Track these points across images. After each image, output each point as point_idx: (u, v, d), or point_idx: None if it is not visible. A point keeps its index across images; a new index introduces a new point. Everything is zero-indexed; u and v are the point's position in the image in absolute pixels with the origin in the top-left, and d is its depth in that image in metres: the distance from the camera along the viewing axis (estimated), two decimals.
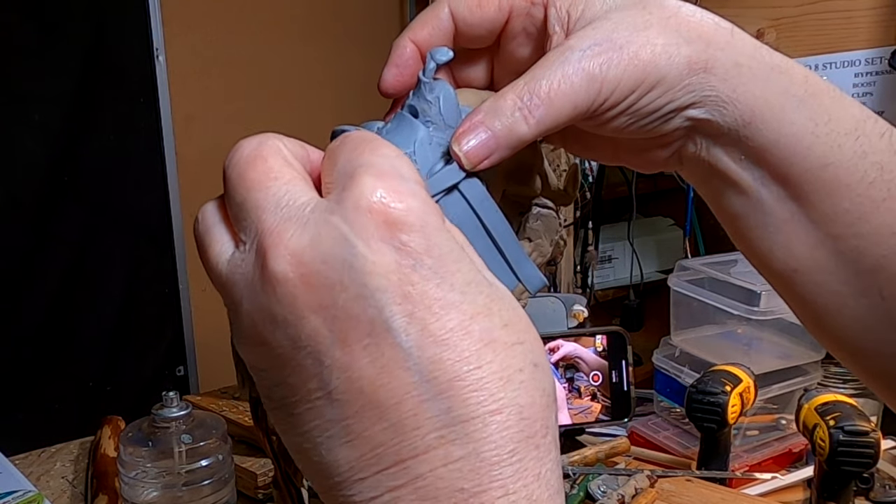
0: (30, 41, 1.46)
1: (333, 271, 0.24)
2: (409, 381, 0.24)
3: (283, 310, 0.25)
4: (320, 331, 0.25)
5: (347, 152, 0.27)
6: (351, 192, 0.25)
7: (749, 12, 1.32)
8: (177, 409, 0.77)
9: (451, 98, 0.34)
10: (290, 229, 0.25)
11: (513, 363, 0.25)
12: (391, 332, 0.24)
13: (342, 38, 1.97)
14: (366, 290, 0.24)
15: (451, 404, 0.24)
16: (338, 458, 0.25)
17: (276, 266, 0.25)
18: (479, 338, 0.25)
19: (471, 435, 0.24)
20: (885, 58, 1.18)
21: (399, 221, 0.25)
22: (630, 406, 1.04)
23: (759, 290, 1.08)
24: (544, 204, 0.51)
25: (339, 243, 0.25)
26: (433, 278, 0.25)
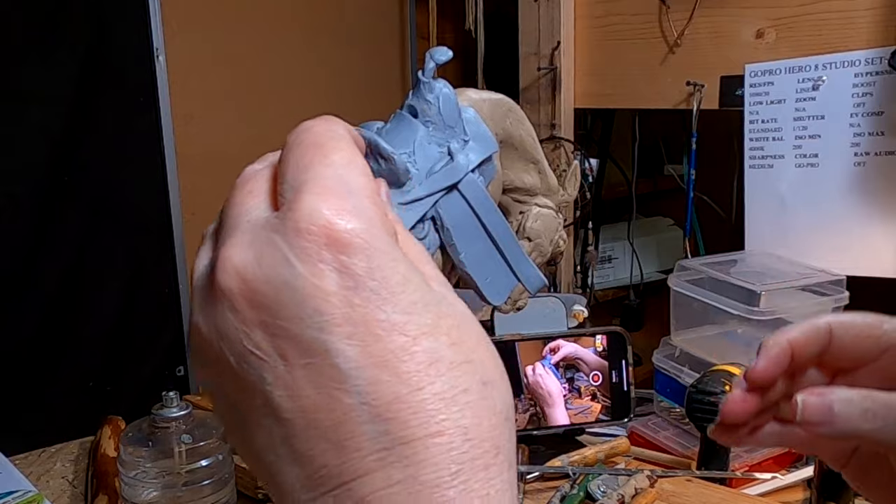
0: (30, 41, 1.46)
1: (274, 291, 0.25)
2: (348, 403, 0.24)
3: (227, 324, 0.25)
4: (263, 347, 0.25)
5: (297, 158, 0.27)
6: (293, 212, 0.25)
7: (749, 12, 1.32)
8: (177, 409, 0.77)
9: (450, 98, 0.34)
10: (239, 245, 0.26)
11: (458, 383, 0.25)
12: (330, 353, 0.24)
13: (342, 38, 1.97)
14: (305, 312, 0.24)
15: (390, 427, 0.24)
16: (288, 478, 0.25)
17: (222, 281, 0.25)
18: (421, 359, 0.25)
19: (410, 458, 0.24)
20: (885, 58, 1.18)
21: (340, 242, 0.25)
22: (630, 406, 1.04)
23: (759, 290, 1.08)
24: (544, 204, 0.51)
25: (280, 264, 0.25)
26: (375, 300, 0.25)
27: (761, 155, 1.34)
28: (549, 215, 0.50)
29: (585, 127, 1.77)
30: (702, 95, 1.38)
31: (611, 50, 1.53)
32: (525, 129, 0.47)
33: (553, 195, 0.51)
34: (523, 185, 0.49)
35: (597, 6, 1.54)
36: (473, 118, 0.35)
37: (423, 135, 0.33)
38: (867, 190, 1.23)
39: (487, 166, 0.35)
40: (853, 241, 1.25)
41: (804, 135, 1.28)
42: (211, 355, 0.26)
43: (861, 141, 1.23)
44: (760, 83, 1.32)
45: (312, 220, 0.25)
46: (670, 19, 1.42)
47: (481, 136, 0.35)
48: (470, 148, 0.34)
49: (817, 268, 1.20)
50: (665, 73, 1.44)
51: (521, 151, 0.47)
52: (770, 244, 1.34)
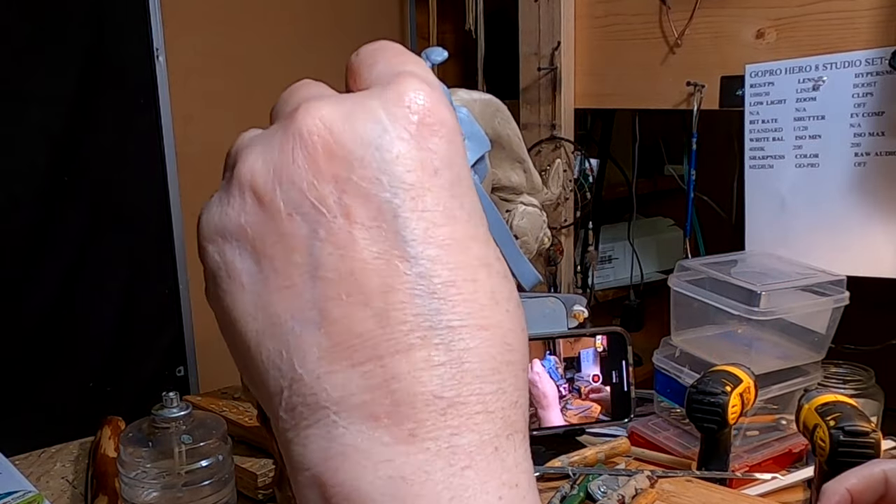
0: (30, 41, 1.46)
1: (359, 147, 0.24)
2: (404, 272, 0.23)
3: (296, 168, 0.24)
4: (328, 199, 0.24)
5: (391, 56, 0.27)
6: (396, 87, 0.25)
7: (749, 12, 1.32)
8: (177, 409, 0.77)
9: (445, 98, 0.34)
10: (327, 104, 0.25)
11: (503, 290, 0.25)
12: (398, 220, 0.24)
13: (342, 39, 1.97)
14: (385, 176, 0.24)
15: (442, 307, 0.24)
16: (307, 345, 0.24)
17: (305, 125, 0.24)
18: (476, 256, 0.25)
19: (456, 342, 0.23)
20: (885, 58, 1.18)
21: (434, 126, 0.25)
22: (630, 406, 1.04)
23: (759, 290, 1.08)
24: (529, 202, 0.51)
25: (372, 124, 0.24)
26: (448, 189, 0.25)
27: (761, 155, 1.34)
28: (534, 213, 0.51)
29: (585, 127, 1.77)
30: (702, 95, 1.38)
31: (611, 50, 1.53)
32: (511, 128, 0.48)
33: (538, 194, 0.52)
34: (510, 184, 0.49)
35: (597, 6, 1.54)
36: (467, 117, 0.35)
37: None
38: (867, 190, 1.23)
39: (481, 165, 0.35)
40: (853, 241, 1.25)
41: (804, 135, 1.28)
42: (256, 198, 0.25)
43: (861, 141, 1.23)
44: (761, 83, 1.32)
45: (415, 96, 0.25)
46: (670, 19, 1.42)
47: (475, 136, 0.35)
48: (466, 147, 0.34)
49: (817, 268, 1.20)
50: (665, 73, 1.44)
51: (509, 150, 0.48)
52: (770, 244, 1.34)
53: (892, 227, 1.22)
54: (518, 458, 0.24)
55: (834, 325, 1.13)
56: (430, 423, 0.23)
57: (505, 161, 0.48)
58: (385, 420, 0.23)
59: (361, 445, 0.23)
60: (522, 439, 0.25)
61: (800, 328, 1.14)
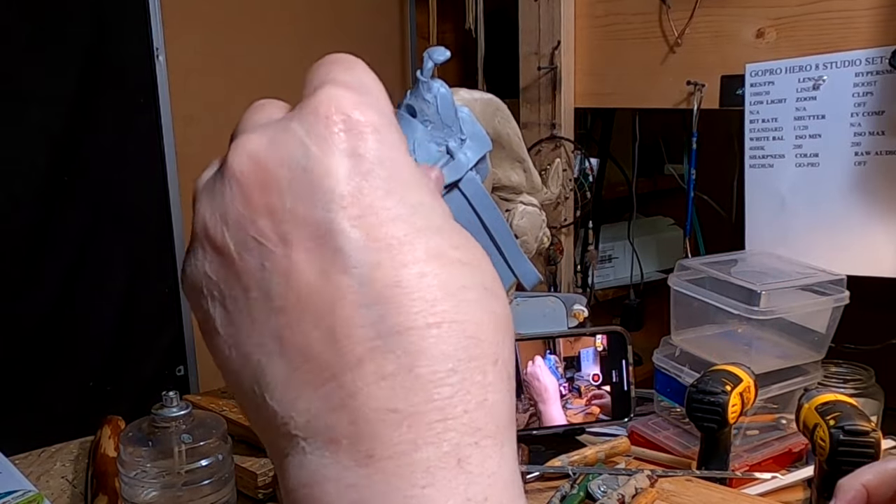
0: (30, 41, 1.46)
1: (287, 171, 0.24)
2: (346, 285, 0.23)
3: (235, 208, 0.25)
4: (266, 232, 0.24)
5: (323, 68, 0.27)
6: (311, 101, 0.25)
7: (749, 12, 1.32)
8: (177, 408, 0.77)
9: (447, 98, 0.34)
10: (253, 135, 0.25)
11: (459, 280, 0.24)
12: (335, 234, 0.24)
13: (342, 39, 1.97)
14: (315, 193, 0.24)
15: (386, 312, 0.23)
16: (274, 377, 0.24)
17: (234, 163, 0.25)
18: (423, 250, 0.24)
19: (405, 348, 0.23)
20: (885, 58, 1.18)
21: (356, 130, 0.25)
22: (630, 406, 1.04)
23: (759, 289, 1.08)
24: (529, 201, 0.51)
25: (295, 146, 0.24)
26: (384, 188, 0.24)
27: (761, 154, 1.34)
28: (533, 212, 0.51)
29: (585, 126, 1.77)
30: (702, 95, 1.38)
31: (611, 49, 1.53)
32: (511, 128, 0.48)
33: (537, 193, 0.52)
34: (510, 184, 0.49)
35: (597, 6, 1.54)
36: (469, 117, 0.36)
37: (421, 134, 0.33)
38: (868, 189, 1.23)
39: (482, 164, 0.36)
40: (853, 241, 1.25)
41: (804, 134, 1.28)
42: (211, 246, 0.25)
43: (861, 140, 1.23)
44: (761, 83, 1.32)
45: (329, 106, 0.25)
46: (671, 19, 1.42)
47: (477, 135, 0.35)
48: (467, 146, 0.34)
49: (817, 267, 1.20)
50: (665, 72, 1.44)
51: (508, 150, 0.48)
52: (770, 244, 1.33)
53: (892, 227, 1.22)
54: (490, 466, 0.23)
55: (834, 325, 1.13)
56: (386, 439, 0.22)
57: (505, 160, 0.49)
58: (345, 442, 0.23)
59: (327, 472, 0.23)
60: (497, 444, 0.24)
61: (800, 328, 1.14)
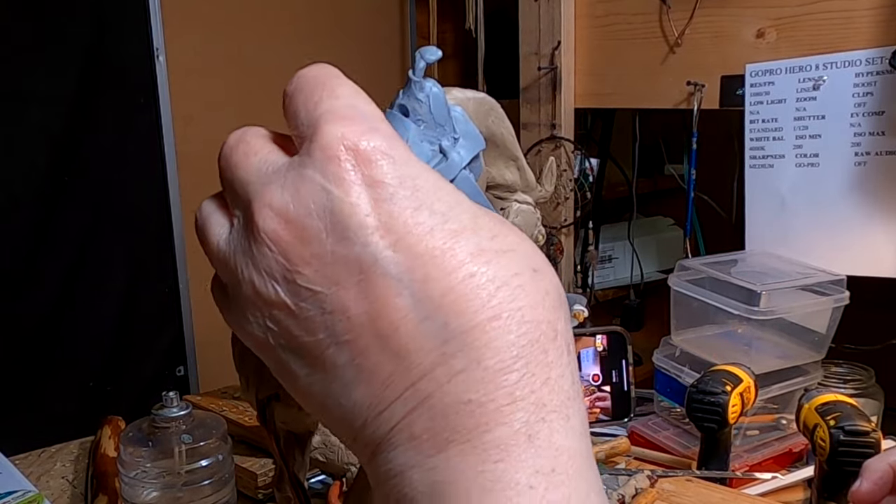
0: (30, 41, 1.46)
1: (317, 220, 0.25)
2: (402, 306, 0.25)
3: (279, 267, 0.26)
4: (315, 280, 0.25)
5: (305, 99, 0.28)
6: (317, 143, 0.26)
7: (749, 12, 1.32)
8: (177, 409, 0.77)
9: (440, 97, 0.34)
10: (273, 191, 0.26)
11: (507, 269, 0.25)
12: (379, 263, 0.25)
13: (342, 39, 1.97)
14: (349, 232, 0.25)
15: (447, 318, 0.25)
16: (357, 402, 0.26)
17: (265, 226, 0.26)
18: (466, 251, 0.25)
19: (471, 345, 0.24)
20: (885, 58, 1.18)
21: (367, 160, 0.26)
22: (630, 406, 1.04)
23: (759, 289, 1.08)
24: (523, 200, 0.51)
25: (317, 193, 0.26)
26: (410, 205, 0.26)
27: (762, 155, 1.34)
28: (528, 211, 0.51)
29: (586, 127, 1.77)
30: (702, 95, 1.38)
31: (611, 50, 1.53)
32: (505, 126, 0.48)
33: (532, 191, 0.52)
34: (504, 182, 0.49)
35: (597, 6, 1.54)
36: (461, 116, 0.36)
37: (414, 133, 0.33)
38: (868, 190, 1.23)
39: (476, 163, 0.36)
40: (853, 241, 1.25)
41: (805, 134, 1.28)
42: (267, 304, 0.26)
43: (861, 141, 1.23)
44: (761, 83, 1.32)
45: (337, 146, 0.26)
46: (671, 19, 1.42)
47: (470, 134, 0.35)
48: (461, 145, 0.34)
49: (817, 268, 1.20)
50: (665, 72, 1.44)
51: (502, 149, 0.48)
52: (770, 244, 1.33)
53: (892, 227, 1.22)
54: (557, 440, 0.25)
55: (834, 325, 1.13)
56: (461, 427, 0.24)
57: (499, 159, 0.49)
58: (425, 435, 0.25)
59: (411, 461, 0.25)
60: (563, 417, 0.25)
61: (800, 328, 1.14)
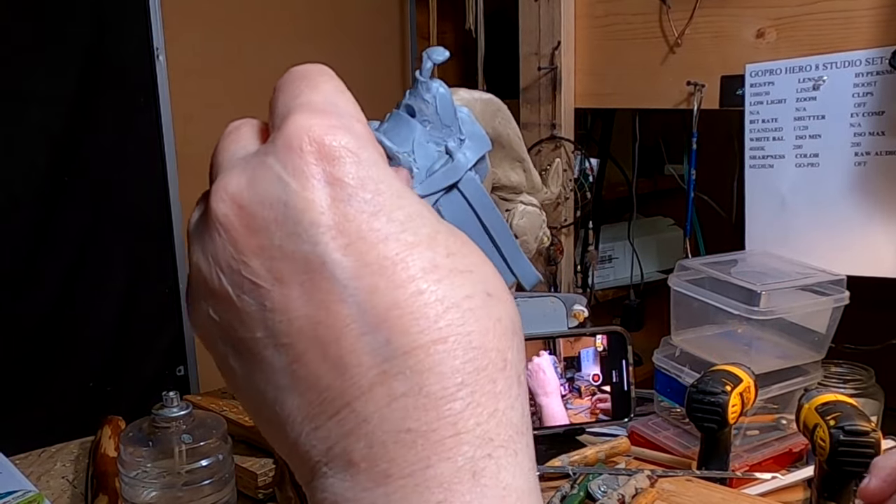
0: (30, 41, 1.46)
1: (270, 210, 0.24)
2: (346, 314, 0.23)
3: (226, 254, 0.25)
4: (260, 273, 0.24)
5: (287, 89, 0.27)
6: (283, 132, 0.25)
7: (749, 12, 1.32)
8: (177, 409, 0.77)
9: (446, 98, 0.34)
10: (232, 176, 0.25)
11: (459, 290, 0.24)
12: (326, 265, 0.23)
13: (342, 39, 1.97)
14: (300, 227, 0.24)
15: (390, 335, 0.23)
16: (292, 412, 0.24)
17: (217, 209, 0.25)
18: (419, 265, 0.24)
19: (413, 367, 0.23)
20: (885, 58, 1.18)
21: (331, 156, 0.24)
22: (630, 406, 1.04)
23: (759, 289, 1.08)
24: (529, 201, 0.51)
25: (273, 183, 0.24)
26: (368, 210, 0.24)
27: (761, 155, 1.34)
28: (533, 212, 0.51)
29: (585, 127, 1.77)
30: (702, 95, 1.38)
31: (611, 50, 1.53)
32: (512, 128, 0.48)
33: (537, 193, 0.52)
34: (510, 184, 0.49)
35: (597, 6, 1.54)
36: (468, 117, 0.36)
37: (420, 134, 0.33)
38: (868, 190, 1.23)
39: (482, 165, 0.36)
40: (853, 241, 1.25)
41: (804, 135, 1.28)
42: (210, 292, 0.25)
43: (861, 141, 1.23)
44: (761, 83, 1.32)
45: (302, 137, 0.24)
46: (671, 19, 1.42)
47: (476, 135, 0.35)
48: (467, 146, 0.34)
49: (817, 268, 1.20)
50: (665, 73, 1.44)
51: (508, 150, 0.48)
52: (770, 244, 1.33)
53: (892, 227, 1.22)
54: (504, 478, 0.23)
55: (834, 325, 1.13)
56: (401, 460, 0.23)
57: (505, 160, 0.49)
58: (363, 465, 0.23)
59: (348, 493, 0.23)
60: (511, 452, 0.24)
61: (800, 328, 1.14)
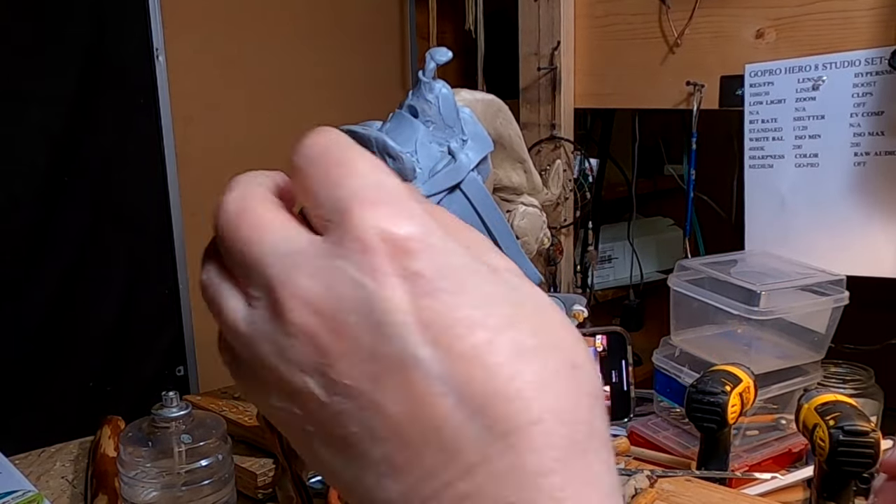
0: (30, 41, 1.46)
1: (353, 315, 0.24)
2: (445, 406, 0.24)
3: (311, 359, 0.25)
4: (350, 373, 0.24)
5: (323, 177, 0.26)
6: (348, 231, 0.25)
7: (749, 12, 1.32)
8: (177, 409, 0.77)
9: (449, 99, 0.34)
10: (301, 279, 0.25)
11: (548, 368, 0.25)
12: (419, 363, 0.24)
13: (342, 39, 1.97)
14: (386, 328, 0.24)
15: (491, 421, 0.24)
16: (391, 495, 0.25)
17: (296, 318, 0.25)
18: (508, 350, 0.24)
19: (513, 448, 0.24)
20: (885, 58, 1.18)
21: (402, 250, 0.24)
22: (630, 406, 1.04)
23: (759, 289, 1.08)
24: (530, 202, 0.51)
25: (351, 286, 0.24)
26: (449, 300, 0.24)
27: (761, 155, 1.34)
28: (534, 213, 0.51)
29: (585, 127, 1.77)
30: (702, 95, 1.38)
31: (611, 50, 1.53)
32: (513, 129, 0.48)
33: (538, 194, 0.52)
34: (511, 184, 0.49)
35: (597, 6, 1.54)
36: (470, 118, 0.36)
37: (423, 134, 0.33)
38: (867, 190, 1.23)
39: (484, 165, 0.36)
40: (853, 241, 1.25)
41: (804, 135, 1.28)
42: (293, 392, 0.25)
43: (861, 141, 1.23)
44: (760, 83, 1.32)
45: (370, 236, 0.24)
46: (670, 19, 1.42)
47: (478, 136, 0.35)
48: (469, 147, 0.34)
49: (817, 268, 1.20)
50: (665, 73, 1.44)
51: (510, 151, 0.48)
52: (770, 244, 1.34)
53: (892, 227, 1.22)
54: None
55: (834, 325, 1.13)
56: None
57: (506, 161, 0.49)
58: None
59: None
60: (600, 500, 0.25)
61: (799, 328, 1.14)
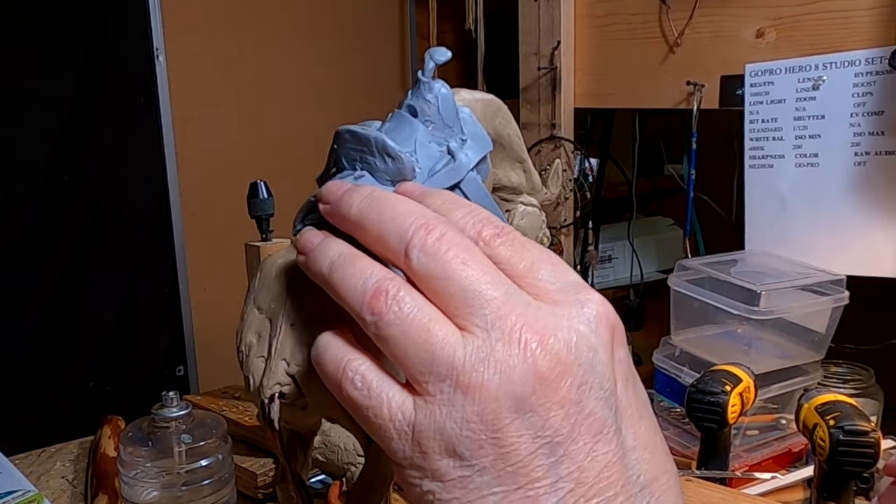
0: (30, 41, 1.46)
1: (583, 372, 0.28)
2: (626, 477, 0.28)
3: (537, 400, 0.28)
4: (562, 424, 0.28)
5: (530, 254, 0.31)
6: (589, 306, 0.30)
7: (749, 12, 1.32)
8: (177, 408, 0.77)
9: (448, 98, 0.34)
10: (550, 331, 0.28)
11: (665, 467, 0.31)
12: (619, 431, 0.29)
13: (342, 39, 1.97)
14: (604, 393, 0.29)
15: (651, 500, 0.29)
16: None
17: (545, 364, 0.28)
18: (661, 448, 0.31)
19: (653, 492, 0.30)
20: (885, 58, 1.18)
21: (620, 338, 0.30)
22: None
23: (759, 289, 1.08)
24: (529, 202, 0.51)
25: (587, 348, 0.29)
26: (633, 390, 0.31)
27: (761, 155, 1.34)
28: (533, 213, 0.51)
29: (585, 127, 1.77)
30: (702, 95, 1.38)
31: (611, 50, 1.53)
32: (512, 128, 0.48)
33: (537, 194, 0.52)
34: (510, 184, 0.49)
35: (597, 6, 1.54)
36: (469, 117, 0.36)
37: (422, 134, 0.33)
38: (867, 190, 1.23)
39: (483, 165, 0.36)
40: (853, 241, 1.25)
41: (804, 134, 1.28)
42: (493, 428, 0.28)
43: (861, 140, 1.23)
44: (760, 83, 1.32)
45: (606, 316, 0.30)
46: (670, 19, 1.42)
47: (478, 136, 0.35)
48: (468, 147, 0.34)
49: (817, 268, 1.20)
50: (665, 72, 1.44)
51: (509, 150, 0.48)
52: (770, 244, 1.34)
53: (892, 227, 1.22)
54: None
55: (834, 325, 1.13)
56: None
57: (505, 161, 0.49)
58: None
59: None
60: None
61: (800, 328, 1.14)
